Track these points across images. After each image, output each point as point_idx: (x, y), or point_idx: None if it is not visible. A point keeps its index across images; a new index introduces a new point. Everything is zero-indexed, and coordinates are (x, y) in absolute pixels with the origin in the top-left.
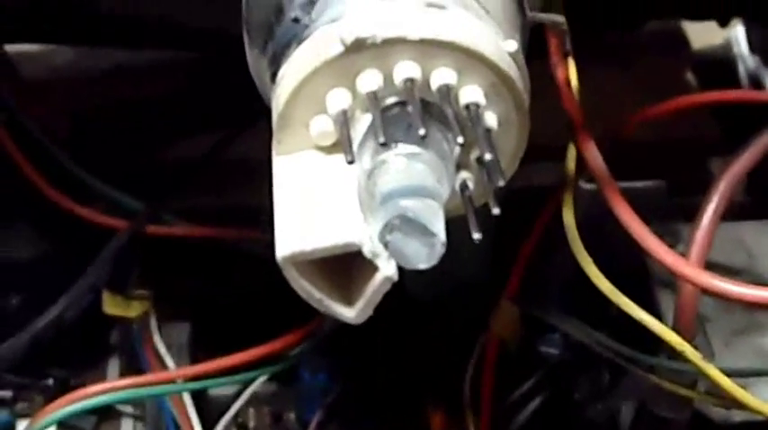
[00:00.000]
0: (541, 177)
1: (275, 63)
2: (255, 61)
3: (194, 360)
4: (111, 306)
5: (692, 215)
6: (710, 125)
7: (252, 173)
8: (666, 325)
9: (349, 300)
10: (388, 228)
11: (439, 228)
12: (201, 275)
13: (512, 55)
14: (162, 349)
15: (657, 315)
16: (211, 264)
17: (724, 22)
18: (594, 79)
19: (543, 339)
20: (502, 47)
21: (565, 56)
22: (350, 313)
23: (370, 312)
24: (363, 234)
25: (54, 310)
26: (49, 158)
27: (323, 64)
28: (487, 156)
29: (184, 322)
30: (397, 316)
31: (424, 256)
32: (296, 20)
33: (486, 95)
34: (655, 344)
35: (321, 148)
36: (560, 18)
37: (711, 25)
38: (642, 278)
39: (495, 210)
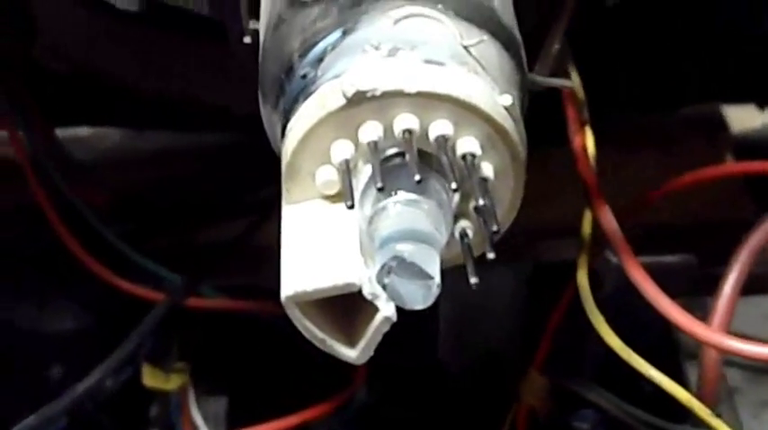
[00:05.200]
0: (570, 252)
1: (285, 118)
2: (269, 117)
3: None
4: (151, 378)
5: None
6: (749, 206)
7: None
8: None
9: (351, 342)
10: (385, 270)
11: (434, 271)
12: (238, 349)
13: (507, 108)
14: (199, 421)
15: (684, 385)
16: (247, 338)
17: (763, 105)
18: (635, 163)
19: (576, 414)
20: (497, 100)
21: (582, 124)
22: (352, 353)
23: (370, 353)
24: (363, 276)
25: (92, 378)
26: (91, 233)
27: (327, 116)
28: (482, 202)
29: (222, 395)
30: (430, 387)
31: (420, 298)
32: (304, 76)
33: (482, 146)
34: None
35: (326, 197)
36: (568, 82)
37: (750, 108)
38: (671, 351)
39: (491, 255)
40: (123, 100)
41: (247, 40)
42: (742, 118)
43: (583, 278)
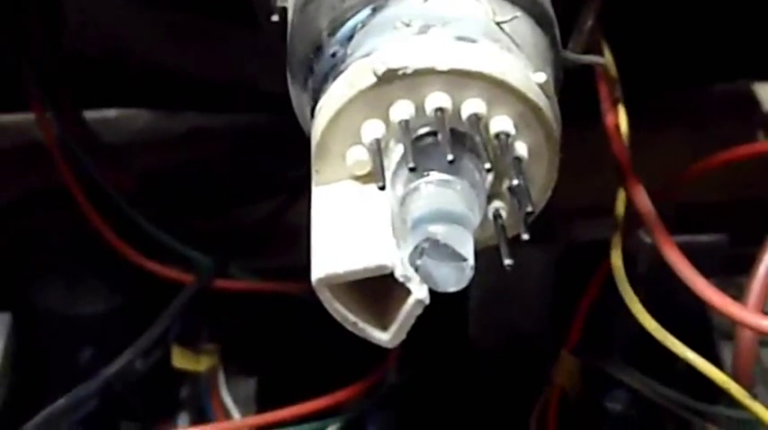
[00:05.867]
0: (600, 232)
1: (314, 97)
2: (297, 97)
3: (261, 413)
4: (181, 360)
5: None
6: None
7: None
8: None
9: (383, 325)
10: (417, 251)
11: (468, 253)
12: (268, 330)
13: (541, 86)
14: (229, 402)
15: (719, 366)
16: (277, 318)
17: None
18: (664, 142)
19: (608, 394)
20: (531, 78)
21: (615, 103)
22: (384, 336)
23: (403, 336)
24: (395, 258)
25: (122, 359)
26: (120, 215)
27: (357, 95)
28: (516, 182)
29: (252, 376)
30: (460, 368)
31: (453, 280)
32: (333, 55)
33: (516, 125)
34: (714, 394)
35: (357, 178)
36: (601, 59)
37: None
38: (706, 331)
39: (525, 236)
40: (151, 81)
41: (275, 18)
42: None
43: (617, 259)
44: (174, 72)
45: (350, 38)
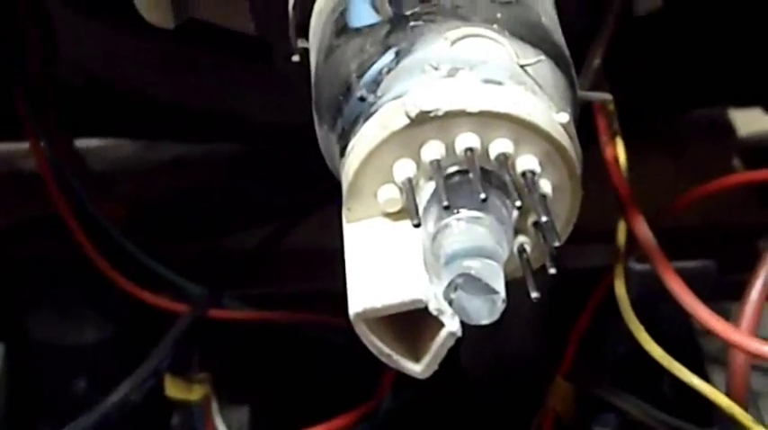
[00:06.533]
0: (593, 259)
1: (344, 138)
2: (325, 137)
3: None
4: (174, 389)
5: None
6: (760, 211)
7: (305, 262)
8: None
9: (416, 357)
10: (452, 286)
11: (500, 286)
12: (260, 359)
13: (564, 126)
14: None
15: None
16: (270, 347)
17: None
18: (644, 166)
19: (597, 418)
20: (554, 118)
21: (613, 135)
22: (417, 368)
23: (435, 367)
24: (429, 292)
25: (119, 393)
26: (113, 245)
27: (390, 135)
28: (544, 219)
29: (244, 405)
30: (454, 395)
31: (486, 313)
32: (362, 98)
33: (541, 164)
34: (707, 419)
35: (388, 215)
36: (608, 96)
37: (757, 112)
38: (694, 357)
39: (552, 270)
40: (137, 111)
41: (296, 58)
42: (749, 121)
43: (620, 287)
44: (160, 101)
45: (376, 81)
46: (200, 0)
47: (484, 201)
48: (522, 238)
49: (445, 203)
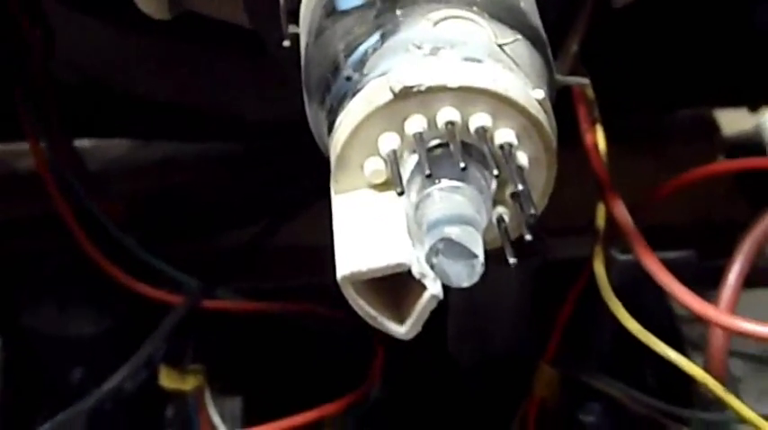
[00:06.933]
0: (575, 250)
1: (332, 114)
2: (314, 115)
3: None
4: (168, 380)
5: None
6: (741, 206)
7: (294, 259)
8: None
9: (400, 319)
10: (433, 251)
11: (479, 251)
12: (253, 349)
13: (540, 102)
14: (216, 420)
15: (691, 376)
16: (262, 338)
17: (754, 108)
18: (627, 165)
19: (582, 407)
20: (531, 94)
21: (593, 122)
22: (401, 329)
23: (418, 329)
24: (412, 257)
25: (112, 382)
26: (110, 242)
27: (375, 110)
28: (520, 187)
29: (237, 394)
30: (441, 383)
31: (465, 276)
32: (348, 78)
33: (518, 137)
34: (686, 399)
35: (373, 186)
36: (586, 81)
37: (741, 111)
38: (676, 345)
39: (528, 237)
40: (130, 110)
41: (287, 43)
42: (733, 120)
43: (600, 267)
44: (154, 100)
45: (361, 61)
46: None
47: (464, 169)
48: (500, 209)
49: (427, 172)
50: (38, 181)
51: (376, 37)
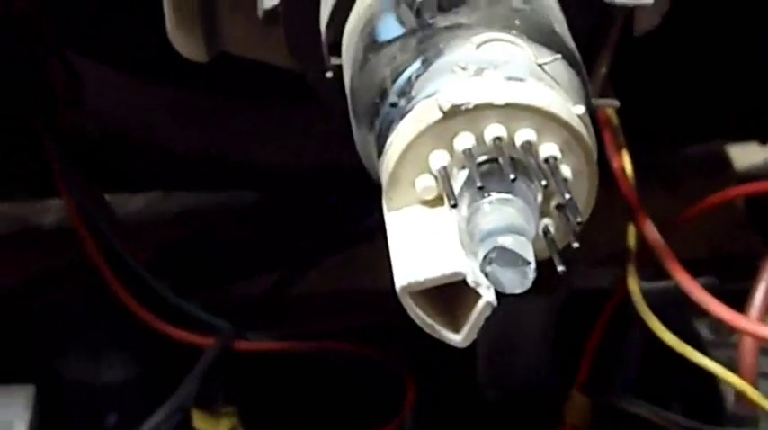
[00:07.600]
0: (601, 280)
1: (382, 137)
2: (363, 140)
3: None
4: (201, 422)
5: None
6: (759, 242)
7: (315, 307)
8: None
9: (456, 328)
10: (487, 260)
11: (531, 259)
12: (284, 389)
13: (580, 117)
14: None
15: (718, 393)
16: (293, 378)
17: (765, 141)
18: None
19: None
20: (572, 110)
21: (619, 147)
22: (457, 337)
23: (474, 336)
24: (467, 266)
25: (147, 426)
26: (141, 288)
27: (425, 129)
28: (567, 196)
29: None
30: (472, 417)
31: (518, 283)
32: (393, 104)
33: (561, 150)
34: (719, 419)
35: (425, 203)
36: (615, 102)
37: (753, 146)
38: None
39: (575, 245)
40: (151, 163)
41: (329, 74)
42: (745, 155)
43: (633, 284)
44: (174, 151)
45: (407, 86)
46: (233, 32)
47: (513, 181)
48: (546, 221)
49: (479, 184)
50: (61, 234)
51: (419, 62)
